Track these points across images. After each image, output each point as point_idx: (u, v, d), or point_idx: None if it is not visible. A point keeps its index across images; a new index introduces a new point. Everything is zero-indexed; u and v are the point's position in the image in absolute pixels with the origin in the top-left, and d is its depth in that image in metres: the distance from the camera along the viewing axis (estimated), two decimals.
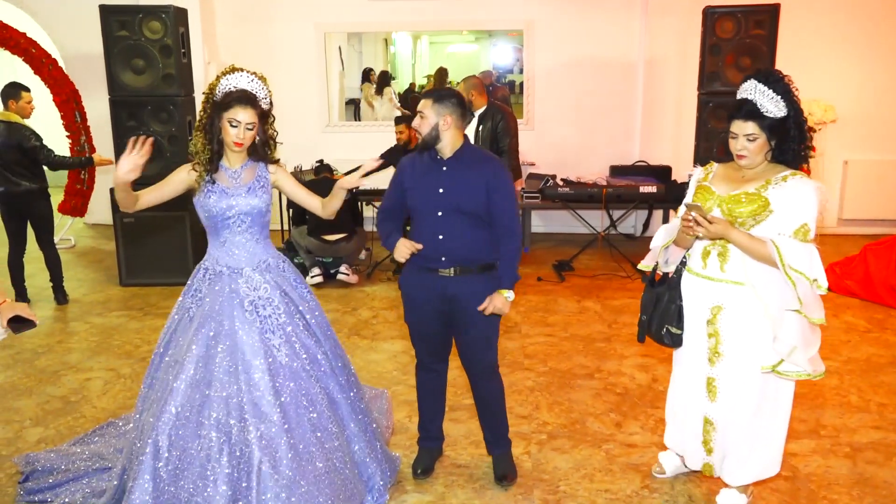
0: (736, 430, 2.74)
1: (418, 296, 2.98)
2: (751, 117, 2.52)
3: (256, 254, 2.82)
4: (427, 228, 2.89)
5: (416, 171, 2.94)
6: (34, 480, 3.02)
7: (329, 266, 6.03)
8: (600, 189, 6.22)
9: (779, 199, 2.52)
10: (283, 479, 2.54)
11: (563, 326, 4.96)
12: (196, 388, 2.63)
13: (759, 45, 5.86)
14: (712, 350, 2.72)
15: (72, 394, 3.99)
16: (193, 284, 2.84)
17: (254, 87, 2.77)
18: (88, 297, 5.73)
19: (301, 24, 7.59)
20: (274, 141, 2.88)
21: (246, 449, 2.55)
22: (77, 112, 7.08)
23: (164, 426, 2.58)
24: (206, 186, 2.75)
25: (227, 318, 2.71)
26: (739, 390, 2.69)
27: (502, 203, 2.88)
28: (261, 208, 2.80)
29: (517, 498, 2.98)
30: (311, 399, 2.75)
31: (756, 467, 2.78)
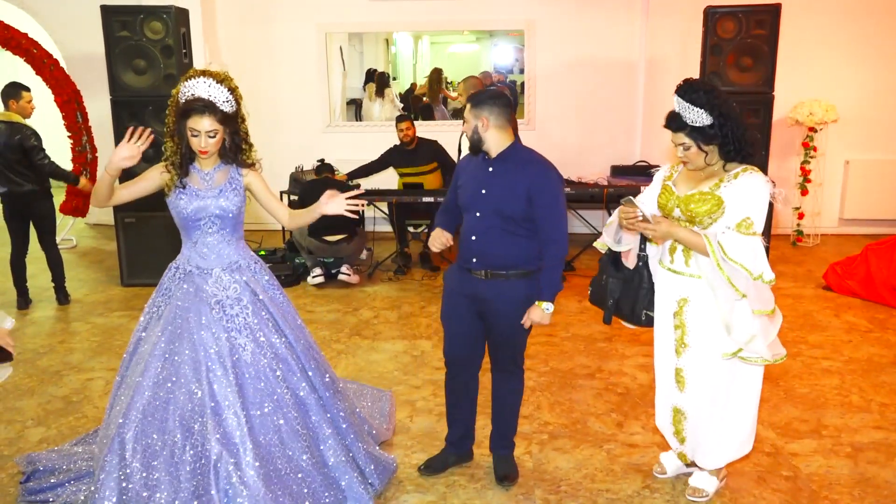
0: (707, 417, 2.85)
1: (455, 292, 3.00)
2: (679, 129, 2.67)
3: (227, 255, 2.85)
4: (466, 227, 2.92)
5: (469, 170, 2.97)
6: (36, 480, 3.02)
7: (330, 266, 6.04)
8: (601, 189, 6.22)
9: (730, 195, 2.64)
10: (245, 477, 2.56)
11: (564, 326, 4.96)
12: (161, 385, 2.67)
13: (761, 45, 5.87)
14: (679, 341, 2.85)
15: (73, 394, 3.99)
16: (164, 283, 2.88)
17: (212, 92, 2.72)
18: (90, 298, 5.74)
19: (302, 25, 7.60)
20: (246, 143, 2.85)
21: (207, 445, 2.58)
22: (78, 112, 7.09)
23: (130, 423, 2.62)
24: (177, 188, 2.78)
25: (194, 316, 2.74)
26: (706, 380, 2.81)
27: (545, 209, 2.79)
28: (232, 210, 2.82)
29: (518, 498, 2.98)
30: (276, 399, 2.76)
31: (728, 450, 2.89)
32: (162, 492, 2.56)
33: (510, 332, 2.93)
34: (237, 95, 2.79)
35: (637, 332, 4.81)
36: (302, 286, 5.98)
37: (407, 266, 6.37)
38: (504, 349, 3.01)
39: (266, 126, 7.71)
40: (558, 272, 2.83)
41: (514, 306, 2.87)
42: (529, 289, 2.85)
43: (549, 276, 2.82)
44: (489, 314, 2.92)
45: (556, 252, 2.81)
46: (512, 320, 2.90)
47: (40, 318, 5.26)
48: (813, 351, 4.48)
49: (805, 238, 7.29)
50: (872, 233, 7.29)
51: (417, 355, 4.48)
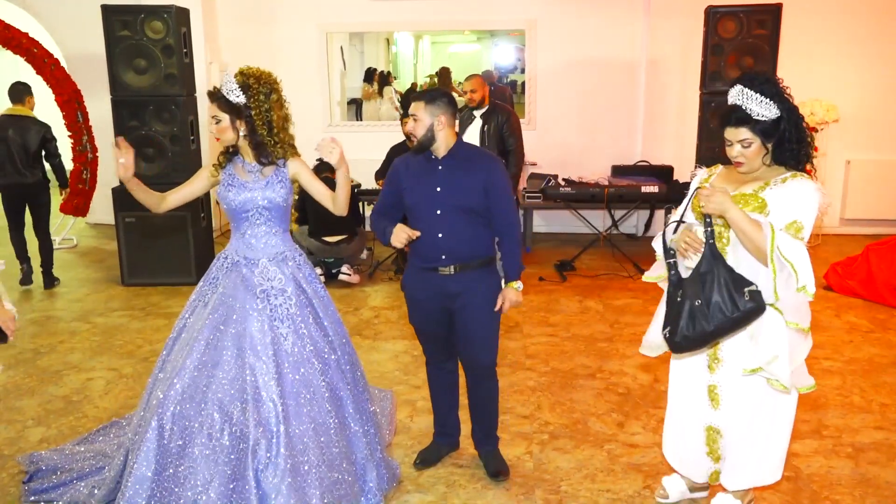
0: (741, 434, 2.68)
1: (421, 296, 3.02)
2: (742, 123, 2.45)
3: (274, 246, 2.88)
4: (426, 227, 2.91)
5: (412, 171, 2.98)
6: (38, 480, 3.03)
7: (331, 266, 6.04)
8: (602, 189, 6.22)
9: (776, 199, 2.45)
10: (278, 465, 2.60)
11: (565, 326, 4.96)
12: (203, 368, 2.71)
13: (762, 44, 5.85)
14: (712, 357, 2.66)
15: (74, 393, 3.99)
16: (212, 272, 2.93)
17: (224, 81, 2.84)
18: (90, 297, 5.73)
19: (303, 24, 7.59)
20: (272, 137, 2.81)
21: (245, 430, 2.61)
22: (79, 112, 7.07)
23: (169, 402, 2.65)
24: (226, 180, 2.86)
25: (239, 304, 2.79)
26: (742, 395, 2.63)
27: (500, 199, 2.95)
28: (278, 202, 2.86)
29: (519, 498, 2.98)
30: (313, 391, 2.78)
31: (755, 473, 2.72)
32: (199, 472, 2.59)
33: (482, 320, 2.98)
34: (252, 89, 2.78)
35: (638, 332, 4.82)
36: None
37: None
38: (480, 344, 3.01)
39: None
40: (519, 254, 3.00)
41: (483, 294, 2.97)
42: (493, 275, 3.00)
43: (513, 258, 2.99)
44: (460, 308, 2.96)
45: (514, 235, 2.99)
46: (484, 308, 2.98)
47: (41, 317, 5.26)
48: (814, 351, 4.40)
49: None
50: (873, 233, 7.28)
51: (417, 355, 4.47)
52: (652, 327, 2.86)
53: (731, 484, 2.78)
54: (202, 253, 5.96)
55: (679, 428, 2.85)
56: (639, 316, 5.14)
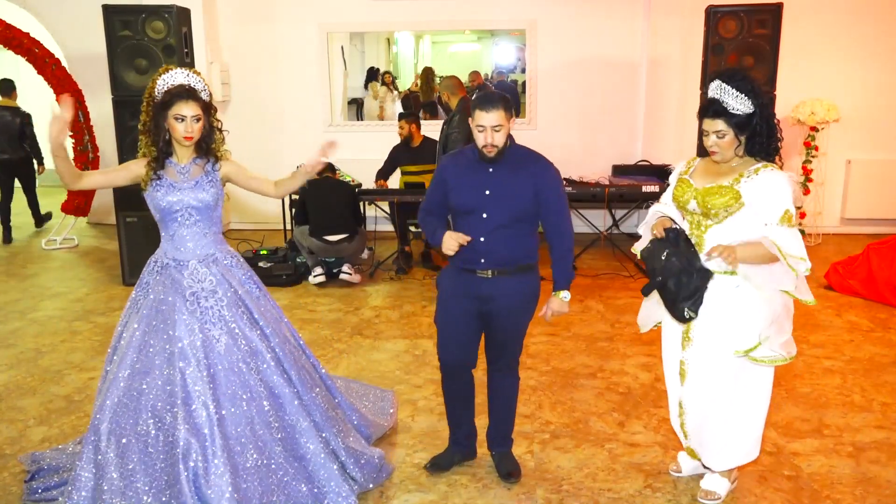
0: (711, 416, 2.82)
1: (453, 296, 2.96)
2: (718, 115, 2.61)
3: (204, 247, 2.87)
4: (469, 229, 2.86)
5: (460, 170, 2.91)
6: (39, 479, 3.03)
7: (331, 266, 6.04)
8: (603, 188, 6.22)
9: (750, 191, 2.62)
10: (216, 468, 2.58)
11: (566, 326, 4.96)
12: (135, 377, 2.71)
13: (762, 44, 5.86)
14: (684, 334, 2.85)
15: (75, 393, 4.00)
16: (144, 277, 2.92)
17: (191, 80, 2.82)
18: (91, 297, 5.74)
19: (303, 24, 7.60)
20: (220, 132, 2.90)
21: (177, 436, 2.60)
22: (80, 112, 7.09)
23: (105, 413, 2.65)
24: (154, 181, 2.82)
25: (168, 308, 2.77)
26: (706, 375, 2.80)
27: (552, 203, 2.88)
28: (209, 202, 2.85)
29: (520, 497, 2.98)
30: (250, 391, 2.77)
31: (737, 453, 2.86)
32: (137, 481, 2.60)
33: (515, 328, 2.98)
34: (210, 89, 2.88)
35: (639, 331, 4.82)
36: (303, 285, 5.98)
37: (408, 265, 6.37)
38: (508, 347, 3.02)
39: (267, 126, 7.72)
40: (570, 262, 2.95)
41: (519, 301, 2.93)
42: (532, 282, 2.96)
43: (563, 267, 2.93)
44: (494, 313, 2.92)
45: (566, 243, 2.92)
46: (517, 316, 2.95)
47: (42, 317, 5.27)
48: (815, 350, 4.48)
49: (807, 237, 7.28)
50: (874, 232, 7.28)
51: (419, 354, 4.48)
52: (643, 304, 3.05)
53: (714, 464, 2.91)
54: None
55: (669, 398, 3.07)
56: None
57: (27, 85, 10.25)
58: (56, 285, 6.04)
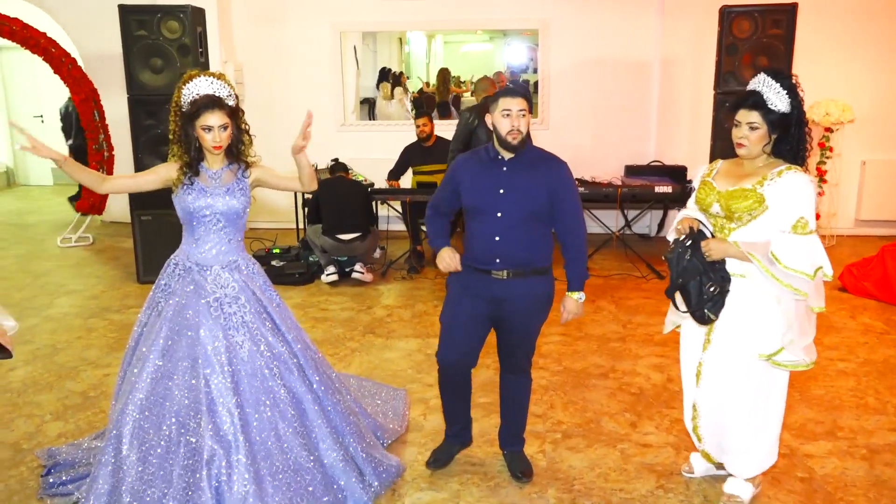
0: (727, 420, 2.80)
1: (463, 297, 2.94)
2: (756, 107, 2.60)
3: (227, 253, 2.88)
4: (484, 229, 2.84)
5: (474, 169, 2.89)
6: (56, 474, 3.07)
7: (344, 265, 6.06)
8: (615, 189, 6.21)
9: (773, 194, 2.59)
10: (239, 474, 2.59)
11: (578, 326, 4.96)
12: (159, 380, 2.71)
13: (777, 44, 5.83)
14: (706, 336, 2.82)
15: (91, 389, 4.04)
16: (163, 279, 2.91)
17: (216, 88, 2.79)
18: (106, 294, 5.79)
19: (316, 24, 7.62)
20: (248, 135, 2.90)
21: (201, 442, 2.61)
22: (95, 111, 7.15)
23: (127, 418, 2.66)
24: (186, 183, 2.82)
25: (192, 313, 2.77)
26: (724, 378, 2.78)
27: (566, 203, 2.87)
28: (237, 209, 2.86)
29: (532, 496, 2.99)
30: (273, 397, 2.78)
31: (758, 459, 2.85)
32: (156, 486, 2.61)
33: (527, 330, 2.97)
34: (235, 91, 2.87)
35: (651, 332, 4.82)
36: (316, 284, 6.01)
37: (420, 265, 6.39)
38: (520, 349, 3.02)
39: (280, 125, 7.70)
40: (584, 262, 2.95)
41: (533, 304, 2.91)
42: (546, 285, 2.93)
43: (578, 267, 2.93)
44: (507, 316, 2.91)
45: (580, 244, 2.92)
46: (530, 319, 2.94)
47: (58, 314, 5.32)
48: (828, 352, 4.46)
49: (821, 239, 7.23)
50: (889, 234, 7.23)
51: (431, 353, 4.49)
52: None
53: (738, 471, 2.89)
54: None
55: (685, 399, 3.03)
56: (651, 316, 5.14)
57: (42, 84, 10.39)
58: (71, 283, 6.10)
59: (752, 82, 2.68)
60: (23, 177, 11.21)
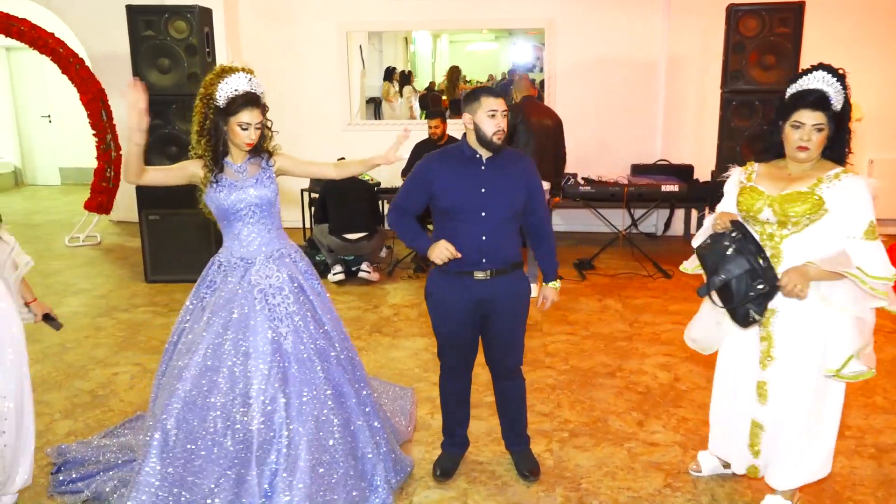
0: (789, 433, 2.66)
1: (454, 303, 2.90)
2: (821, 107, 2.44)
3: (269, 243, 2.89)
4: (469, 230, 2.81)
5: (450, 169, 2.84)
6: (66, 471, 3.09)
7: (350, 264, 6.08)
8: (622, 188, 6.20)
9: (834, 198, 2.44)
10: (284, 465, 2.61)
11: (585, 325, 4.96)
12: (204, 373, 2.72)
13: (784, 42, 5.81)
14: (764, 353, 2.65)
15: (99, 388, 4.06)
16: (208, 276, 2.92)
17: (253, 86, 2.79)
18: (114, 293, 5.82)
19: (323, 24, 7.64)
20: (269, 130, 2.90)
21: (249, 434, 2.63)
22: (103, 111, 7.18)
23: (172, 409, 2.67)
24: (213, 182, 2.81)
25: (238, 307, 2.78)
26: (793, 394, 2.62)
27: (538, 198, 2.95)
28: (270, 198, 2.86)
29: (539, 495, 2.99)
30: (315, 389, 2.79)
31: (805, 471, 2.72)
32: (205, 477, 2.62)
33: (515, 327, 2.99)
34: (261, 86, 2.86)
35: (657, 331, 4.82)
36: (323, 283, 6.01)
37: (426, 264, 6.38)
38: (511, 349, 3.01)
39: (287, 124, 7.73)
40: (555, 252, 3.05)
41: (517, 299, 2.95)
42: (524, 279, 2.99)
43: (552, 260, 3.03)
44: (493, 314, 2.91)
45: (552, 235, 3.03)
46: (516, 313, 2.97)
47: (66, 313, 5.34)
48: None
49: None
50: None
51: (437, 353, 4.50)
52: (696, 325, 2.87)
53: (782, 484, 2.75)
54: None
55: (723, 420, 2.85)
56: (658, 315, 5.13)
57: (50, 84, 10.44)
58: (79, 282, 6.13)
59: (807, 79, 2.50)
60: (30, 177, 11.26)
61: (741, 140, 5.97)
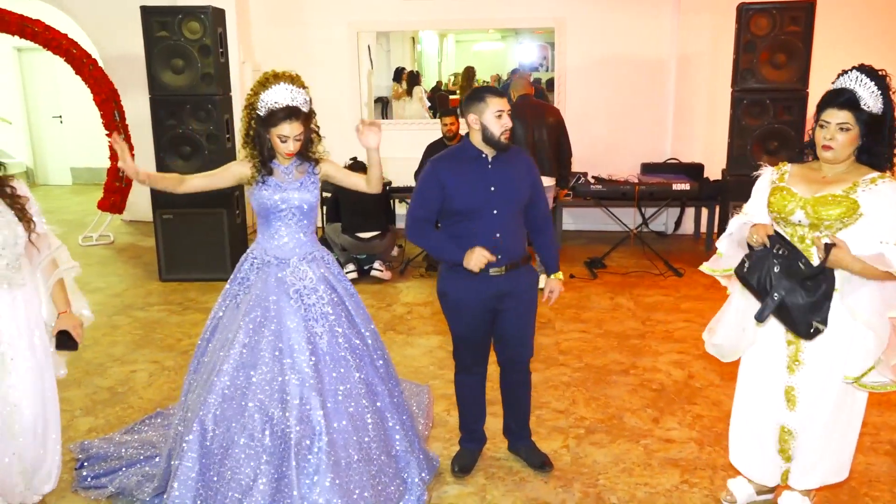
0: (813, 435, 2.65)
1: (470, 301, 2.94)
2: (847, 106, 2.41)
3: (303, 246, 2.91)
4: (483, 229, 2.85)
5: (458, 171, 2.87)
6: (89, 467, 3.14)
7: (363, 262, 6.11)
8: (633, 186, 6.22)
9: (870, 202, 2.40)
10: (321, 463, 2.63)
11: (597, 323, 4.98)
12: (241, 370, 2.74)
13: (795, 41, 5.83)
14: (792, 358, 2.62)
15: (118, 385, 4.10)
16: (241, 273, 2.94)
17: (295, 96, 2.79)
18: (129, 292, 5.87)
19: (334, 24, 7.67)
20: (318, 135, 2.93)
21: (287, 430, 2.65)
22: (116, 111, 7.23)
23: (210, 406, 2.69)
24: (260, 181, 2.86)
25: (274, 305, 2.81)
26: (820, 398, 2.60)
27: (540, 191, 3.02)
28: (311, 203, 2.90)
29: (557, 490, 3.02)
30: (350, 388, 2.81)
31: (824, 472, 2.71)
32: (243, 473, 2.64)
33: (527, 318, 3.05)
34: (309, 94, 2.86)
35: (670, 329, 4.84)
36: None
37: (438, 262, 6.42)
38: (522, 341, 3.06)
39: None
40: (556, 244, 3.15)
41: (528, 291, 3.02)
42: (533, 271, 3.07)
43: (554, 251, 3.12)
44: (507, 308, 2.96)
45: (552, 228, 3.13)
46: (529, 306, 3.04)
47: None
48: None
49: None
50: None
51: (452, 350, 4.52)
52: (721, 331, 2.80)
53: (801, 483, 2.74)
54: (236, 249, 6.07)
55: (750, 429, 2.80)
56: (670, 313, 5.15)
57: (61, 85, 10.50)
58: (94, 281, 6.18)
59: (841, 79, 2.48)
60: (42, 177, 11.33)
61: (752, 139, 5.99)
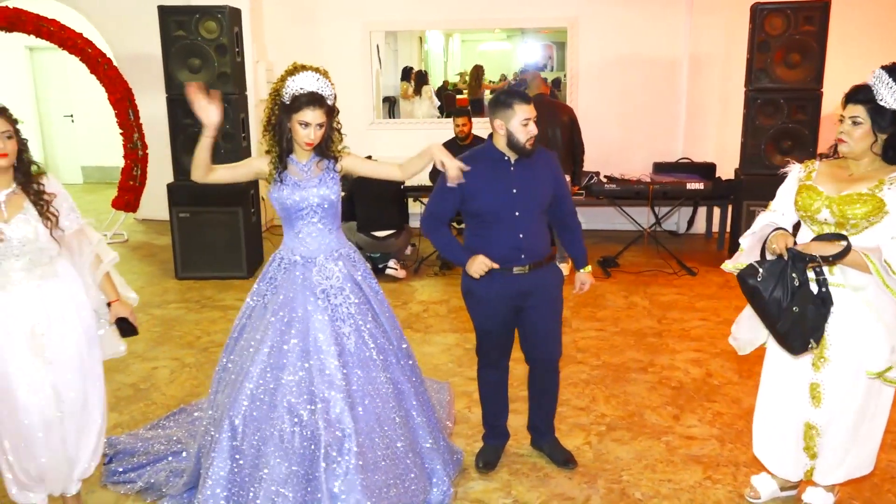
0: (838, 431, 2.66)
1: (494, 299, 2.97)
2: (862, 101, 2.46)
3: (329, 243, 2.89)
4: (505, 230, 2.89)
5: (479, 173, 2.87)
6: (118, 462, 3.18)
7: (377, 261, 6.14)
8: (647, 186, 6.24)
9: (894, 200, 2.42)
10: (350, 463, 2.65)
11: (613, 321, 5.01)
12: (269, 371, 2.75)
13: (809, 41, 5.83)
14: (817, 355, 2.62)
15: (141, 381, 4.14)
16: (269, 272, 2.94)
17: (320, 86, 2.80)
18: (147, 290, 5.90)
19: (347, 23, 7.70)
20: (339, 132, 2.90)
21: (316, 432, 2.66)
22: (130, 110, 7.26)
23: (239, 407, 2.70)
24: (278, 180, 2.84)
25: (301, 306, 2.81)
26: (846, 395, 2.61)
27: (564, 189, 3.06)
28: (332, 199, 2.86)
29: (582, 486, 3.05)
30: (377, 388, 2.82)
31: (849, 467, 2.72)
32: (273, 473, 2.65)
33: (554, 315, 3.09)
34: (335, 90, 2.87)
35: (686, 327, 4.86)
36: None
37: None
38: (551, 339, 3.09)
39: None
40: (582, 239, 3.18)
41: (553, 289, 3.07)
42: (557, 268, 3.12)
43: (581, 246, 3.16)
44: (532, 306, 2.99)
45: (579, 224, 3.16)
46: (555, 303, 3.08)
47: None
48: None
49: None
50: None
51: (470, 348, 4.54)
52: (745, 323, 2.83)
53: (826, 479, 2.76)
54: (252, 247, 6.13)
55: (773, 426, 2.81)
56: (685, 312, 5.17)
57: (73, 84, 10.55)
58: None
59: (869, 76, 2.52)
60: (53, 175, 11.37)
61: (766, 138, 6.00)
